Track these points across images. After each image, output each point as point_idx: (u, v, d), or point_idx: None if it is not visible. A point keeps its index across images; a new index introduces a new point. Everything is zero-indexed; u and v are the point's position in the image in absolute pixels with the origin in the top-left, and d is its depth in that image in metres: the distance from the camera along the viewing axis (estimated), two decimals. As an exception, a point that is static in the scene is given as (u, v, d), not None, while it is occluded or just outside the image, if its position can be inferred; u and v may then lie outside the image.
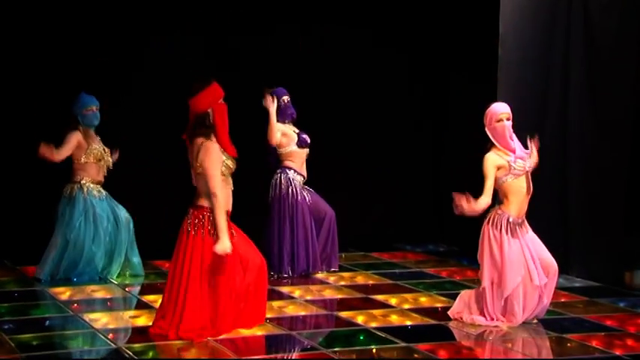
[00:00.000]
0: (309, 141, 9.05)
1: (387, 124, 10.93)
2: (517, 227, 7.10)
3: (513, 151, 7.08)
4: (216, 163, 6.58)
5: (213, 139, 6.61)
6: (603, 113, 8.88)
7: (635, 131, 8.94)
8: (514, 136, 7.15)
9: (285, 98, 8.99)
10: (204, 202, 6.67)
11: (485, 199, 6.99)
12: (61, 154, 8.57)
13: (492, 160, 7.07)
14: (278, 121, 8.89)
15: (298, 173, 9.05)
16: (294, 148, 8.98)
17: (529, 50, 9.03)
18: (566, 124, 9.12)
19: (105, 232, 8.67)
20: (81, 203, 8.64)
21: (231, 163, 6.74)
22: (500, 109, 7.14)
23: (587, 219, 9.04)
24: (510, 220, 7.09)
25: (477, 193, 7.27)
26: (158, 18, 9.92)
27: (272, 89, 8.94)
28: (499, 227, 7.08)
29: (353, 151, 10.73)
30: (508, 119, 7.11)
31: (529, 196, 7.16)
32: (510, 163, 7.06)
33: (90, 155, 8.69)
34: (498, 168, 7.06)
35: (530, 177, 7.14)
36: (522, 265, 7.05)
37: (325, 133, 10.04)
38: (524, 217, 7.17)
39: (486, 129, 7.13)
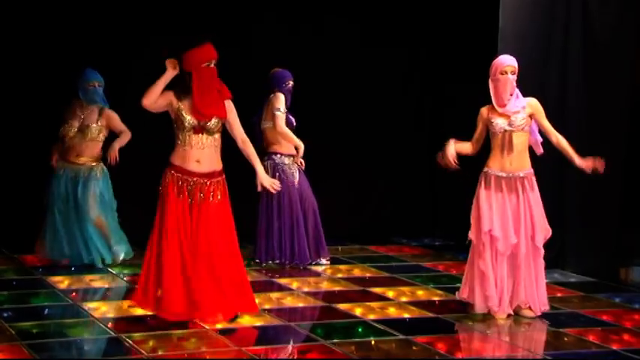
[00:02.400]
0: (293, 124, 9.01)
1: (384, 117, 10.95)
2: (503, 181, 7.07)
3: (503, 106, 7.02)
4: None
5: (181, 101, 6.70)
6: (600, 108, 8.92)
7: (632, 127, 8.99)
8: (517, 91, 7.06)
9: (290, 82, 8.97)
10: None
11: (467, 145, 7.17)
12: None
13: (481, 114, 7.13)
14: None
15: (285, 155, 9.00)
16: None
17: (528, 44, 9.05)
18: (564, 119, 9.15)
19: (66, 212, 8.65)
20: (57, 180, 8.65)
21: (190, 120, 6.67)
22: (506, 60, 7.05)
23: (583, 214, 9.08)
24: (490, 172, 7.09)
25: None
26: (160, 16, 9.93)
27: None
28: (481, 182, 7.14)
29: (349, 145, 10.75)
30: (513, 73, 7.01)
31: (511, 154, 7.04)
32: (491, 119, 7.06)
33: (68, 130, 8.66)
34: (483, 122, 7.11)
35: (512, 136, 7.02)
36: (492, 218, 7.03)
37: (322, 126, 10.08)
38: (518, 173, 7.07)
39: (489, 80, 7.06)
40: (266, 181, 7.01)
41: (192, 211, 6.72)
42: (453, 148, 7.12)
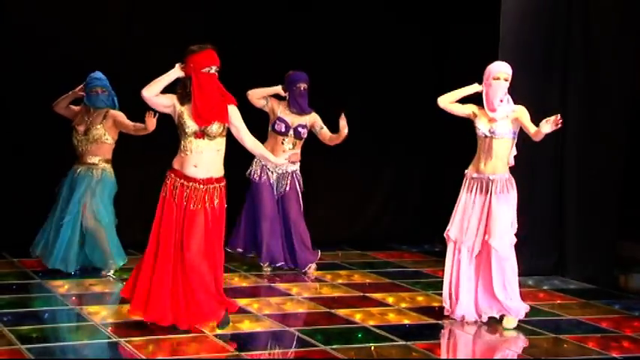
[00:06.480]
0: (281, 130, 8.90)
1: (383, 122, 10.94)
2: (477, 183, 7.14)
3: (493, 110, 7.07)
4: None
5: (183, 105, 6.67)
6: (600, 117, 8.94)
7: (631, 134, 9.01)
8: (508, 97, 7.10)
9: (302, 85, 8.84)
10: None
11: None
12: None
13: (471, 107, 7.21)
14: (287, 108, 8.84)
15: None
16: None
17: (528, 51, 9.06)
18: (563, 126, 9.16)
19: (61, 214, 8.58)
20: (66, 180, 8.63)
21: (191, 125, 6.62)
22: (499, 68, 7.12)
23: (583, 222, 9.09)
24: (468, 174, 7.20)
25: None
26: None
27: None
28: (463, 184, 7.25)
29: (350, 149, 10.71)
30: (506, 79, 7.08)
31: (489, 159, 7.10)
32: (476, 121, 7.16)
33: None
34: (469, 115, 7.20)
35: (492, 142, 7.07)
36: (465, 220, 7.15)
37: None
38: (489, 175, 7.09)
39: (483, 84, 7.16)
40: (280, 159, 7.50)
41: (185, 215, 6.65)
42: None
